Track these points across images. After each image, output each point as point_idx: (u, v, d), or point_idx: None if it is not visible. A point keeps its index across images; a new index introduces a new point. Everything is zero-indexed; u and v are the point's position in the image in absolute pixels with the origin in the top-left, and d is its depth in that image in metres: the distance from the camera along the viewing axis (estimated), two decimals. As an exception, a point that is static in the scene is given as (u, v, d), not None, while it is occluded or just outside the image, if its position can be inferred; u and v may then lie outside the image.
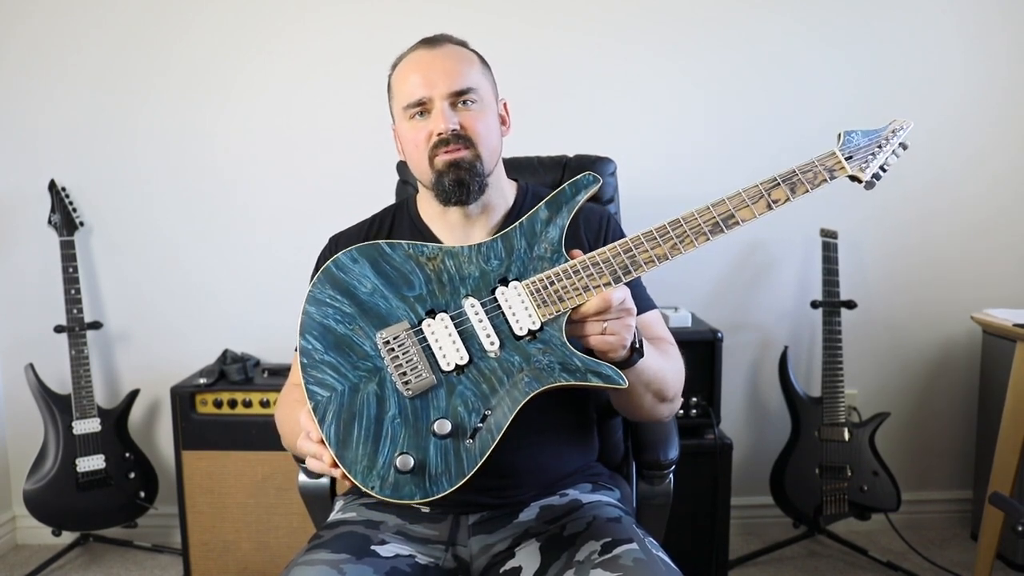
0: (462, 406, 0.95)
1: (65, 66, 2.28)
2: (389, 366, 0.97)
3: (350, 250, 1.02)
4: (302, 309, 0.99)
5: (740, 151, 2.32)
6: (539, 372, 0.96)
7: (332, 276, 1.02)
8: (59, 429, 2.18)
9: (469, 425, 0.94)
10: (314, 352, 0.98)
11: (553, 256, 1.04)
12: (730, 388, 2.37)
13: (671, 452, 1.28)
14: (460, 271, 1.03)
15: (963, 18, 2.28)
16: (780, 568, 2.21)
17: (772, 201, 1.04)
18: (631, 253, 1.00)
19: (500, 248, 1.05)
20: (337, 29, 2.27)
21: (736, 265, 2.37)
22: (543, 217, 1.07)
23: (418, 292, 1.01)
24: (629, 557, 0.98)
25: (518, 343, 0.98)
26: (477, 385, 0.97)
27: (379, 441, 0.94)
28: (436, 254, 1.03)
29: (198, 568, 2.12)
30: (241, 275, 2.36)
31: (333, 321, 1.00)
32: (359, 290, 1.01)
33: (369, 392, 0.96)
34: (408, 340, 0.98)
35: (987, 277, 2.37)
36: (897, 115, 2.42)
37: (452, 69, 1.16)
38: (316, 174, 2.32)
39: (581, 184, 1.09)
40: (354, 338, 0.99)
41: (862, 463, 2.17)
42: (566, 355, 0.97)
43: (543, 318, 0.98)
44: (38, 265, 2.33)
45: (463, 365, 0.97)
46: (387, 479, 0.92)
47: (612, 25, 2.27)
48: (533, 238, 1.05)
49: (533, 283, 1.00)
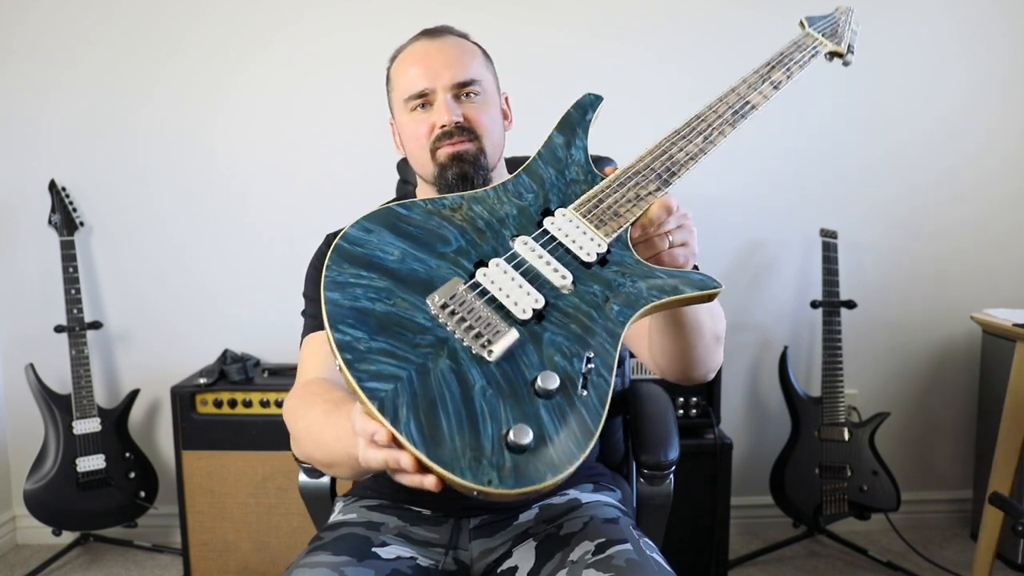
0: (558, 355, 0.80)
1: (65, 66, 2.28)
2: (457, 331, 0.79)
3: (359, 221, 0.85)
4: (323, 299, 0.79)
5: (740, 150, 2.32)
6: (626, 296, 0.85)
7: (347, 252, 0.83)
8: (59, 429, 2.18)
9: (576, 373, 0.79)
10: (357, 343, 0.77)
11: (587, 177, 0.96)
12: (730, 388, 2.37)
13: (671, 452, 1.27)
14: (495, 213, 0.91)
15: (962, 18, 2.28)
16: (780, 568, 2.21)
17: (775, 83, 1.05)
18: (667, 154, 0.95)
19: (528, 181, 0.95)
20: (337, 29, 2.27)
21: (736, 265, 2.38)
22: (560, 142, 0.99)
23: (456, 245, 0.87)
24: (622, 558, 0.97)
25: (591, 271, 0.87)
26: (566, 327, 0.82)
27: (476, 423, 0.75)
28: (459, 203, 0.91)
29: (198, 568, 2.12)
30: (241, 275, 2.36)
31: (367, 301, 0.80)
32: (386, 259, 0.83)
33: (443, 369, 0.77)
34: (469, 296, 0.81)
35: (987, 277, 2.37)
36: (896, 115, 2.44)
37: (455, 60, 1.15)
38: (317, 174, 2.32)
39: (585, 104, 1.03)
40: (401, 313, 0.80)
41: (862, 463, 2.17)
42: (646, 271, 0.88)
43: (607, 238, 0.88)
44: (38, 265, 2.33)
45: (541, 308, 0.82)
46: (504, 465, 0.73)
47: (613, 26, 2.27)
48: (559, 164, 0.97)
49: (581, 204, 0.91)
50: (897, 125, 2.32)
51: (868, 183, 2.34)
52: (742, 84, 1.05)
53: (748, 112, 1.02)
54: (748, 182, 2.34)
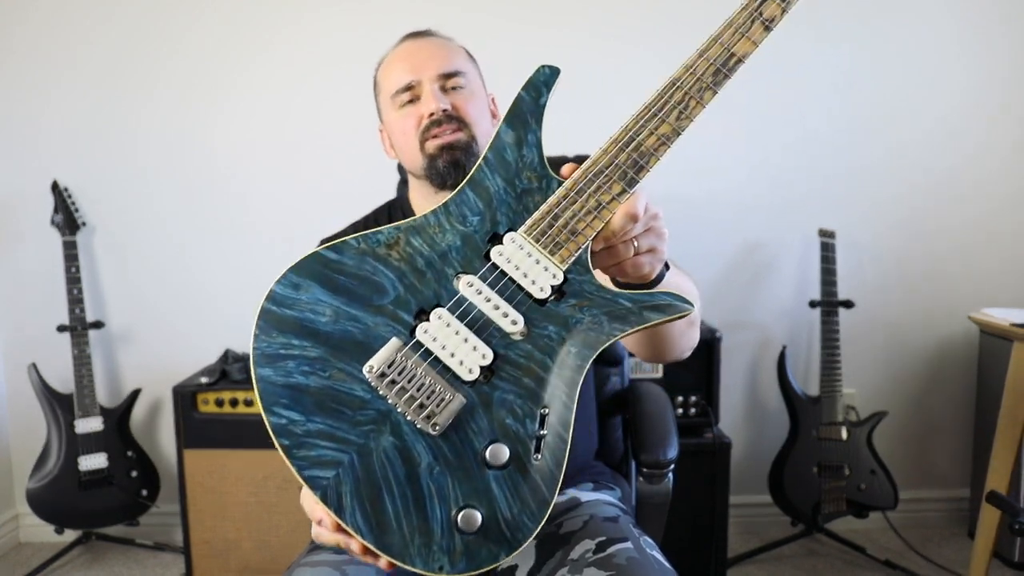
0: (510, 416, 0.75)
1: (66, 66, 2.29)
2: (398, 404, 0.74)
3: (286, 274, 0.77)
4: (254, 376, 0.74)
5: (740, 149, 2.33)
6: (585, 336, 0.77)
7: (276, 317, 0.76)
8: (61, 428, 2.19)
9: (529, 436, 0.75)
10: (293, 427, 0.73)
11: (542, 183, 0.82)
12: (729, 387, 2.38)
13: (670, 451, 1.28)
14: (435, 246, 0.80)
15: (961, 18, 2.28)
16: (778, 566, 2.22)
17: (767, 22, 0.87)
18: (634, 142, 0.81)
19: (473, 199, 0.82)
20: (337, 29, 2.27)
21: (735, 265, 2.38)
22: (509, 140, 0.84)
23: (394, 295, 0.78)
24: (623, 556, 0.98)
25: (545, 308, 0.78)
26: (518, 382, 0.76)
27: (424, 505, 0.72)
28: (395, 238, 0.80)
29: (199, 566, 2.13)
30: (243, 275, 2.36)
31: (301, 376, 0.74)
32: (318, 322, 0.76)
33: (386, 447, 0.73)
34: (408, 361, 0.75)
35: (984, 277, 2.38)
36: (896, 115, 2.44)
37: (439, 53, 1.17)
38: (317, 173, 2.33)
39: (538, 81, 0.88)
40: (338, 387, 0.74)
41: (860, 462, 2.18)
42: (607, 300, 0.78)
43: (563, 265, 0.78)
44: (41, 265, 2.34)
45: (489, 365, 0.76)
46: (455, 550, 0.71)
47: (612, 26, 2.28)
48: (508, 171, 0.83)
49: (533, 226, 0.79)
50: (896, 125, 2.33)
51: (867, 183, 2.35)
52: (727, 29, 0.87)
53: (734, 67, 0.85)
54: (747, 182, 2.34)
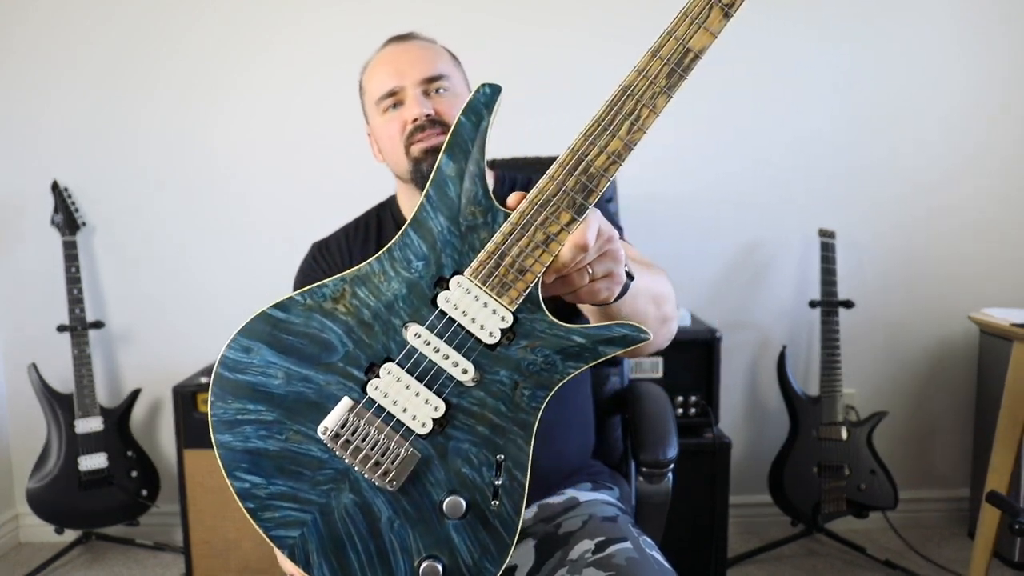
0: (466, 466, 0.76)
1: (67, 67, 2.29)
2: (353, 463, 0.76)
3: (235, 338, 0.78)
4: (214, 443, 0.77)
5: (740, 149, 2.33)
6: (539, 376, 0.77)
7: (230, 383, 0.78)
8: (61, 428, 2.19)
9: (487, 484, 0.76)
10: (256, 490, 0.76)
11: (487, 218, 0.79)
12: (729, 387, 2.38)
13: (670, 451, 1.28)
14: (381, 297, 0.79)
15: (962, 18, 2.28)
16: (778, 566, 2.22)
17: (727, 5, 0.80)
18: (582, 163, 0.76)
19: (417, 242, 0.80)
20: (337, 30, 2.27)
21: (735, 265, 2.38)
22: (450, 173, 0.80)
23: (343, 351, 0.78)
24: (622, 556, 0.98)
25: (495, 353, 0.77)
26: (472, 431, 0.77)
27: (388, 558, 0.76)
28: (341, 290, 0.79)
29: (200, 566, 2.13)
30: (243, 274, 2.36)
31: (259, 440, 0.77)
32: (270, 385, 0.77)
33: (346, 505, 0.76)
34: (361, 420, 0.76)
35: (984, 277, 2.38)
36: (896, 115, 2.44)
37: (421, 57, 1.17)
38: (317, 173, 2.33)
39: (479, 105, 0.82)
40: (295, 449, 0.77)
41: (860, 462, 2.18)
42: (560, 338, 0.77)
43: (511, 307, 0.76)
44: (41, 265, 2.34)
45: (442, 417, 0.77)
46: None
47: (611, 25, 2.28)
48: (451, 208, 0.79)
49: (479, 268, 0.77)
50: (896, 125, 2.33)
51: (867, 183, 2.35)
52: (681, 22, 0.80)
53: (690, 66, 0.78)
54: (747, 181, 2.34)
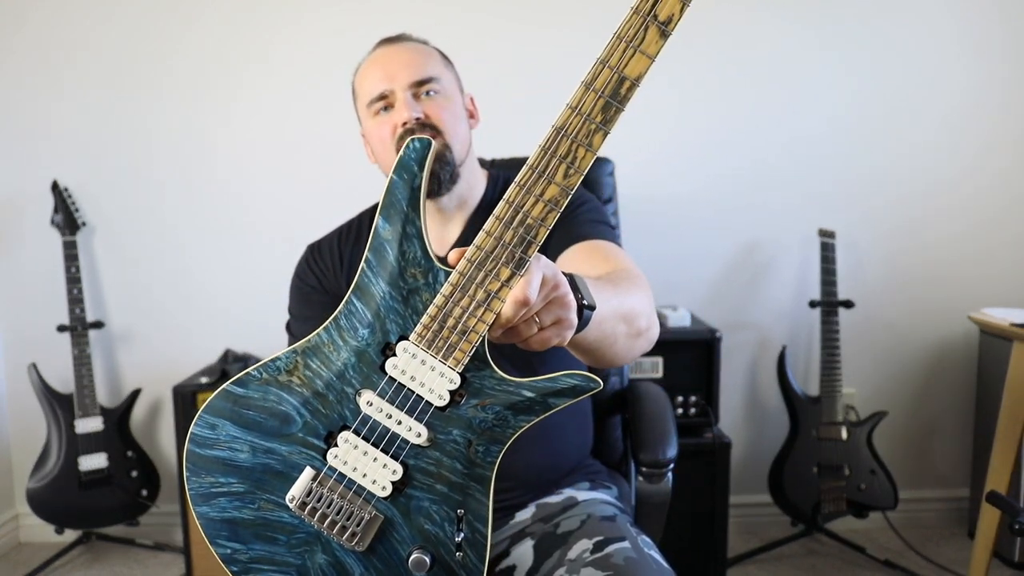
0: (428, 523, 0.79)
1: (67, 67, 2.29)
2: (322, 528, 0.80)
3: (201, 415, 0.82)
4: (194, 514, 0.83)
5: (740, 149, 2.33)
6: (491, 432, 0.79)
7: (200, 459, 0.82)
8: (61, 428, 2.19)
9: (449, 539, 0.79)
10: (237, 555, 0.82)
11: (428, 278, 0.79)
12: (729, 387, 2.38)
13: (670, 451, 1.28)
14: (332, 367, 0.81)
15: (961, 20, 2.28)
16: (778, 566, 2.22)
17: (663, 24, 0.75)
18: (519, 214, 0.73)
19: (360, 309, 0.81)
20: (339, 31, 2.27)
21: (734, 265, 2.38)
22: (387, 236, 0.80)
23: (301, 422, 0.81)
24: (621, 556, 0.98)
25: (446, 414, 0.78)
26: (431, 489, 0.79)
27: None
28: (293, 363, 0.82)
29: (200, 566, 2.13)
30: (243, 275, 2.37)
31: (234, 510, 0.82)
32: (238, 459, 0.82)
33: (320, 565, 0.81)
34: (325, 487, 0.79)
35: (984, 277, 2.38)
36: (896, 116, 2.44)
37: (411, 60, 1.17)
38: (319, 175, 2.33)
39: (408, 160, 0.80)
40: (268, 516, 0.81)
41: (860, 462, 2.18)
42: (509, 393, 0.78)
43: (458, 368, 0.76)
44: (41, 265, 2.34)
45: (400, 479, 0.79)
46: None
47: (611, 27, 2.28)
48: (390, 272, 0.79)
49: (423, 332, 0.77)
50: (896, 126, 2.33)
51: (867, 183, 2.35)
52: (615, 47, 0.77)
53: (627, 96, 0.75)
54: (747, 182, 2.34)
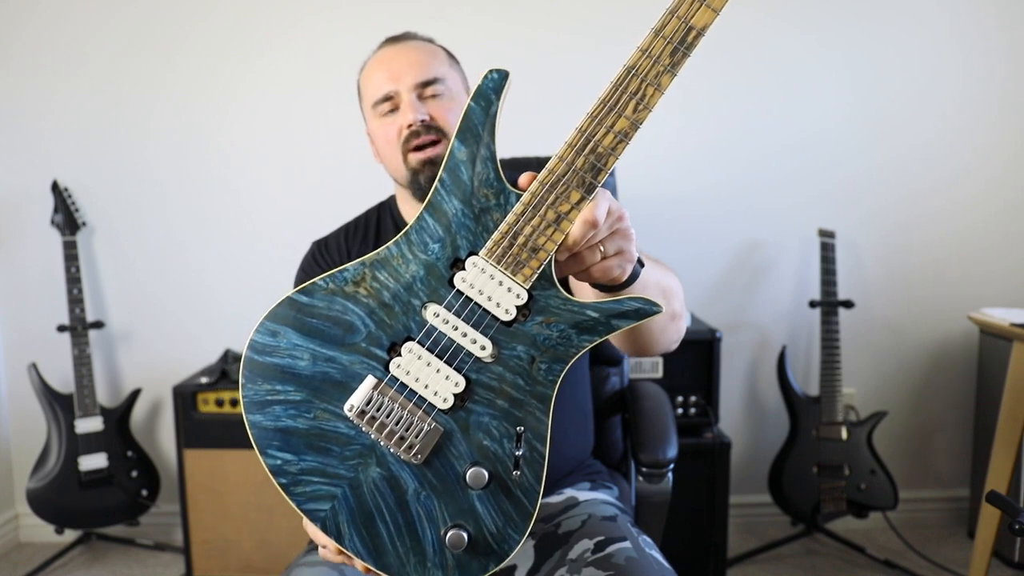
0: (487, 439, 0.79)
1: (68, 67, 2.29)
2: (379, 439, 0.78)
3: (262, 323, 0.82)
4: (247, 423, 0.81)
5: (740, 150, 2.33)
6: (555, 350, 0.79)
7: (259, 366, 0.82)
8: (61, 428, 2.19)
9: (507, 455, 0.79)
10: (287, 466, 0.80)
11: (499, 199, 0.81)
12: (729, 387, 2.38)
13: (670, 451, 1.28)
14: (400, 279, 0.81)
15: (960, 21, 2.28)
16: (778, 566, 2.22)
17: None
18: (591, 143, 0.78)
19: (432, 225, 0.82)
20: (340, 32, 2.27)
21: (735, 265, 2.38)
22: (462, 158, 0.82)
23: (365, 332, 0.80)
24: (622, 556, 0.98)
25: (512, 329, 0.79)
26: (492, 404, 0.79)
27: (415, 528, 0.79)
28: (361, 274, 0.81)
29: (200, 566, 2.13)
30: (243, 275, 2.37)
31: (289, 419, 0.80)
32: (298, 366, 0.81)
33: (374, 478, 0.79)
34: (385, 397, 0.79)
35: (984, 277, 2.38)
36: (896, 116, 2.43)
37: (416, 61, 1.17)
38: (319, 175, 2.33)
39: (487, 90, 0.82)
40: (323, 426, 0.80)
41: (860, 462, 2.18)
42: (574, 312, 0.79)
43: (526, 284, 0.78)
44: (41, 265, 2.34)
45: (462, 392, 0.79)
46: (448, 565, 0.79)
47: (611, 28, 2.28)
48: (464, 191, 0.81)
49: (493, 247, 0.78)
50: (896, 126, 2.33)
51: (866, 183, 2.35)
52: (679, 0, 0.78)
53: (692, 44, 0.78)
54: (747, 182, 2.35)
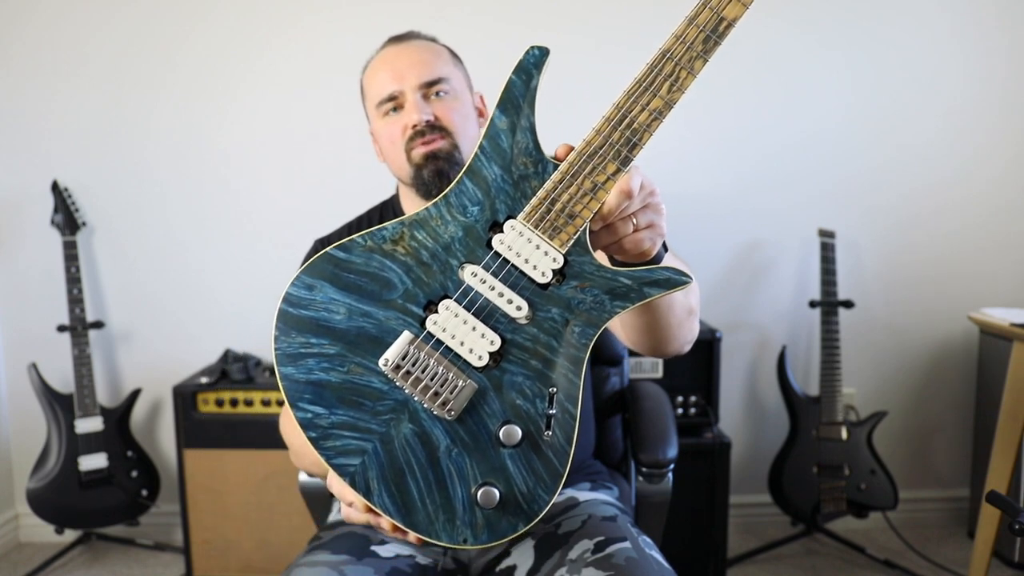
0: (520, 398, 0.79)
1: (68, 67, 2.29)
2: (414, 393, 0.78)
3: (299, 276, 0.82)
4: (278, 375, 0.80)
5: (740, 151, 2.33)
6: (588, 315, 0.80)
7: (293, 318, 0.81)
8: (61, 428, 2.19)
9: (540, 415, 0.79)
10: (318, 420, 0.79)
11: (537, 168, 0.83)
12: (729, 387, 2.38)
13: (670, 451, 1.28)
14: (439, 239, 0.82)
15: (960, 20, 2.28)
16: (778, 566, 2.22)
17: None
18: (627, 119, 0.81)
19: (472, 189, 0.83)
20: (340, 32, 2.27)
21: (735, 265, 2.38)
22: (502, 127, 0.84)
23: (402, 289, 0.81)
24: (622, 556, 0.98)
25: (547, 292, 0.80)
26: (525, 364, 0.80)
27: (446, 485, 0.79)
28: (400, 233, 0.82)
29: (200, 566, 2.13)
30: (243, 275, 2.37)
31: (322, 372, 0.80)
32: (333, 320, 0.81)
33: (405, 434, 0.79)
34: (421, 352, 0.79)
35: (984, 277, 2.38)
36: (896, 117, 2.43)
37: (420, 60, 1.17)
38: (320, 174, 2.33)
39: (528, 64, 0.85)
40: (356, 380, 0.80)
41: (860, 462, 2.18)
42: (608, 279, 0.80)
43: (562, 249, 0.80)
44: (41, 265, 2.34)
45: (497, 350, 0.79)
46: (477, 523, 0.78)
47: (611, 28, 2.28)
48: (504, 158, 0.83)
49: (531, 212, 0.81)
50: (896, 126, 2.33)
51: (866, 183, 2.35)
52: None
53: (724, 33, 0.82)
54: (747, 182, 2.34)
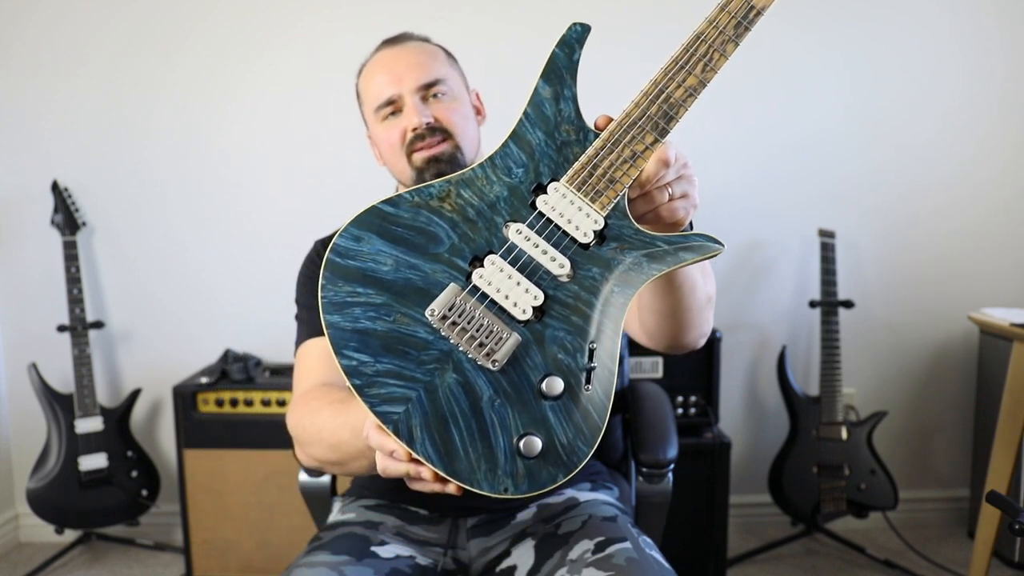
0: (562, 352, 0.81)
1: (68, 67, 2.29)
2: (459, 343, 0.80)
3: (347, 228, 0.83)
4: (324, 323, 0.80)
5: (740, 150, 2.33)
6: (626, 276, 0.83)
7: (340, 268, 0.82)
8: (61, 428, 2.19)
9: (580, 369, 0.81)
10: (363, 367, 0.79)
11: (579, 136, 0.86)
12: (729, 387, 2.38)
13: (670, 451, 1.28)
14: (484, 197, 0.85)
15: (959, 20, 2.28)
16: (778, 566, 2.22)
17: None
18: (663, 94, 0.85)
19: (516, 152, 0.87)
20: (340, 32, 2.27)
21: (734, 265, 2.38)
22: (548, 95, 0.87)
23: (449, 244, 0.83)
24: (622, 556, 0.98)
25: (589, 252, 0.83)
26: (567, 320, 0.82)
27: (488, 435, 0.80)
28: (447, 190, 0.85)
29: (199, 566, 2.13)
30: (243, 275, 2.37)
31: (368, 321, 0.81)
32: (380, 271, 0.82)
33: (449, 384, 0.80)
34: (467, 304, 0.80)
35: (984, 277, 2.38)
36: (896, 116, 2.43)
37: (417, 62, 1.16)
38: (320, 174, 2.33)
39: (572, 40, 0.88)
40: (402, 330, 0.81)
41: (860, 462, 2.18)
42: (645, 242, 0.83)
43: (603, 212, 0.83)
44: (41, 265, 2.34)
45: (540, 305, 0.81)
46: (518, 472, 0.79)
47: (611, 28, 2.28)
48: (547, 125, 0.87)
49: (574, 176, 0.83)
50: (896, 126, 2.33)
51: (866, 183, 2.35)
52: None
53: (753, 20, 0.87)
54: (747, 182, 2.35)
